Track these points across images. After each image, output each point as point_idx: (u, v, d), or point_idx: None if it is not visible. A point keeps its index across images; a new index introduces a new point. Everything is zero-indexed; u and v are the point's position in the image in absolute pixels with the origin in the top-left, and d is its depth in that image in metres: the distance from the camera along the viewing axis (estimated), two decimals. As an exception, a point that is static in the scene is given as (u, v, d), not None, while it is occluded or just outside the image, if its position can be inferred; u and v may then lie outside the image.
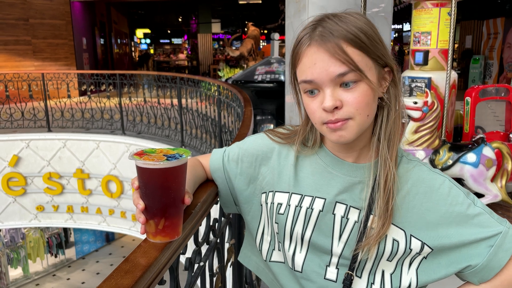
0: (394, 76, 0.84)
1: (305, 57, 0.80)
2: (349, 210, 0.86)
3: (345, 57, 0.76)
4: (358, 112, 0.78)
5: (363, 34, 0.78)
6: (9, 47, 9.98)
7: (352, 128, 0.79)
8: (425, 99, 2.70)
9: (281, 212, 0.91)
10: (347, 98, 0.78)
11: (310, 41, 0.79)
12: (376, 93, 0.81)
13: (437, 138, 2.81)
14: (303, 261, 0.89)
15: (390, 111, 0.84)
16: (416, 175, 0.86)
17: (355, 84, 0.78)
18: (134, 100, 7.09)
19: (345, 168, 0.88)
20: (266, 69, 7.17)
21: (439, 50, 3.02)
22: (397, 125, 0.84)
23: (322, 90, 0.79)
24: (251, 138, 1.02)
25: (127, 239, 10.76)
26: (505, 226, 0.83)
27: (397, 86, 0.85)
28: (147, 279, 0.67)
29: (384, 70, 0.83)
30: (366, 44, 0.78)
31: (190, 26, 21.84)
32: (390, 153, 0.83)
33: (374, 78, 0.80)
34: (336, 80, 0.77)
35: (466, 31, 12.36)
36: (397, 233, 0.84)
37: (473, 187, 2.78)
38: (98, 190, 6.88)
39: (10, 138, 6.75)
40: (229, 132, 4.65)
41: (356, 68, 0.76)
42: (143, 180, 0.71)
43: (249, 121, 2.40)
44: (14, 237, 9.25)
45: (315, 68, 0.78)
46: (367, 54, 0.78)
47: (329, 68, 0.77)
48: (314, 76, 0.78)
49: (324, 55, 0.77)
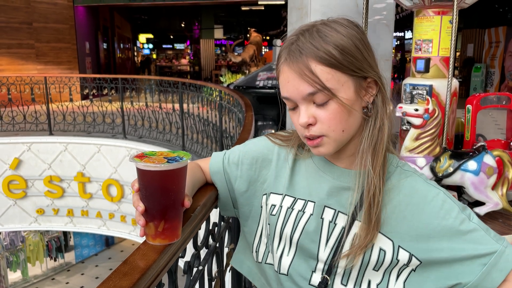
0: (381, 85, 0.83)
1: (281, 74, 0.82)
2: (337, 215, 0.86)
3: (313, 78, 0.76)
4: (331, 129, 0.79)
5: (337, 50, 0.76)
6: (12, 50, 10.03)
7: (328, 145, 0.81)
8: (426, 106, 2.70)
9: (273, 213, 0.92)
10: (320, 115, 0.79)
11: (284, 58, 0.81)
12: (351, 108, 0.79)
13: (438, 146, 2.81)
14: (290, 264, 0.89)
15: (376, 120, 0.83)
16: (409, 185, 0.84)
17: (326, 103, 0.78)
18: (136, 104, 7.11)
19: (335, 172, 0.88)
20: (267, 75, 7.18)
21: (440, 58, 3.03)
22: (382, 133, 0.82)
23: (298, 107, 0.81)
24: (252, 141, 1.02)
25: (126, 243, 10.73)
26: (501, 245, 0.78)
27: (383, 94, 0.83)
28: (146, 282, 0.66)
29: (366, 81, 0.81)
30: (338, 60, 0.76)
31: (192, 31, 21.94)
32: (374, 163, 0.81)
33: (350, 92, 0.79)
34: (307, 98, 0.79)
35: (468, 40, 12.39)
36: (385, 242, 0.82)
37: (474, 195, 2.77)
38: (98, 194, 6.87)
39: (12, 141, 6.76)
40: (230, 137, 4.66)
41: (324, 87, 0.76)
42: (143, 182, 0.72)
43: (250, 126, 2.41)
44: (13, 240, 9.23)
45: (288, 86, 0.80)
46: (340, 70, 0.77)
47: (299, 87, 0.78)
48: (288, 93, 0.81)
49: (294, 74, 0.78)
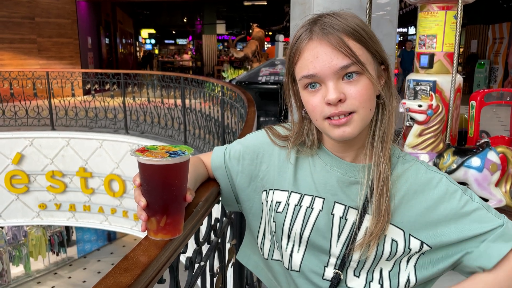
0: (389, 75, 0.85)
1: (306, 52, 0.79)
2: (347, 211, 0.86)
3: (348, 50, 0.76)
4: (361, 105, 0.78)
5: (362, 29, 0.79)
6: (14, 45, 10.02)
7: (356, 123, 0.79)
8: (430, 102, 2.68)
9: (279, 210, 0.90)
10: (350, 91, 0.77)
11: (310, 35, 0.79)
12: (376, 88, 0.81)
13: (442, 142, 2.79)
14: (301, 261, 0.89)
15: (385, 110, 0.84)
16: (413, 174, 0.85)
17: (357, 76, 0.78)
18: (138, 99, 7.10)
19: (343, 167, 0.87)
20: (270, 70, 7.16)
21: (444, 54, 3.01)
22: (391, 124, 0.84)
23: (324, 84, 0.78)
24: (252, 135, 1.01)
25: (128, 238, 10.76)
26: (503, 221, 0.81)
27: (391, 84, 0.85)
28: (147, 278, 0.66)
29: (380, 67, 0.83)
30: (365, 38, 0.79)
31: (195, 27, 21.90)
32: (383, 152, 0.83)
33: (374, 73, 0.80)
34: (339, 72, 0.77)
35: (472, 36, 12.33)
36: (396, 233, 0.83)
37: (477, 191, 2.76)
38: (100, 189, 6.88)
39: (14, 135, 6.77)
40: (232, 133, 4.65)
41: (358, 61, 0.76)
42: (145, 177, 0.71)
43: (252, 122, 2.40)
44: (16, 234, 9.27)
45: (317, 62, 0.77)
46: (367, 48, 0.79)
47: (332, 61, 0.76)
48: (316, 69, 0.78)
49: (327, 48, 0.77)
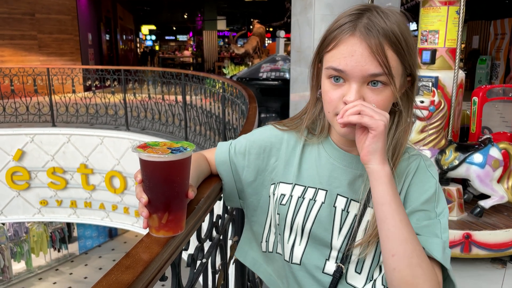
0: (413, 87, 0.84)
1: (343, 45, 0.77)
2: (349, 203, 0.86)
3: (384, 60, 0.75)
4: None
5: (404, 39, 0.77)
6: (15, 41, 10.01)
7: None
8: (432, 98, 2.67)
9: (283, 203, 0.91)
10: (371, 98, 0.77)
11: (354, 30, 0.77)
12: (395, 99, 0.80)
13: (444, 138, 2.78)
14: (302, 254, 0.89)
15: (401, 119, 0.84)
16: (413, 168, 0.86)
17: (382, 86, 0.77)
18: (139, 96, 7.09)
19: (348, 160, 0.87)
20: (271, 66, 7.15)
21: (446, 49, 2.99)
22: (405, 135, 0.84)
23: (348, 82, 0.77)
24: (258, 130, 1.01)
25: (129, 235, 10.78)
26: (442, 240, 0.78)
27: (412, 96, 0.84)
28: (149, 275, 0.65)
29: (406, 78, 0.82)
30: (404, 51, 0.77)
31: (195, 23, 21.84)
32: (394, 158, 0.82)
33: (398, 86, 0.80)
34: (366, 78, 0.76)
35: (473, 31, 12.29)
36: None
37: (479, 188, 2.75)
38: (101, 186, 6.89)
39: (15, 132, 6.77)
40: (233, 129, 4.64)
41: (389, 72, 0.75)
42: (146, 174, 0.70)
43: (253, 118, 2.39)
44: (17, 231, 9.28)
45: (351, 60, 0.76)
46: (402, 61, 0.78)
47: (365, 65, 0.75)
48: (347, 67, 0.76)
49: (365, 50, 0.75)
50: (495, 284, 2.59)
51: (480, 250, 2.67)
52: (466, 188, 3.02)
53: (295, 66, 4.44)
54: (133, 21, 19.75)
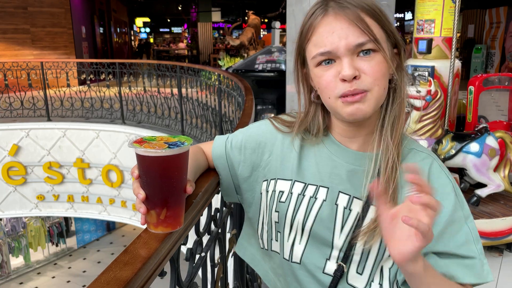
0: (401, 59, 0.82)
1: (321, 27, 0.77)
2: (352, 201, 0.84)
3: (365, 26, 0.74)
4: (376, 83, 0.76)
5: (377, 7, 0.77)
6: (7, 35, 9.90)
7: (370, 102, 0.76)
8: (428, 88, 2.66)
9: (282, 200, 0.88)
10: (364, 68, 0.75)
11: (325, 10, 0.77)
12: (389, 68, 0.79)
13: (440, 128, 2.79)
14: (302, 253, 0.87)
15: (396, 94, 0.82)
16: (425, 168, 0.83)
17: (373, 53, 0.76)
18: (134, 89, 7.04)
19: (349, 156, 0.85)
20: (266, 58, 7.11)
21: (442, 39, 2.98)
22: (401, 110, 0.82)
23: (339, 60, 0.76)
24: (255, 124, 0.99)
25: (127, 228, 10.79)
26: (479, 258, 0.82)
27: (403, 69, 0.83)
28: (147, 271, 0.64)
29: (393, 50, 0.81)
30: (381, 16, 0.77)
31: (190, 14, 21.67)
32: (393, 139, 0.80)
33: (388, 53, 0.78)
34: (354, 49, 0.75)
35: (469, 20, 12.25)
36: None
37: (476, 177, 2.76)
38: (98, 180, 6.87)
39: (10, 127, 6.72)
40: (229, 122, 4.62)
41: (375, 38, 0.75)
42: (143, 169, 0.69)
43: (250, 110, 2.38)
44: (15, 226, 9.27)
45: (333, 37, 0.75)
46: (382, 27, 0.77)
47: (348, 37, 0.74)
48: (333, 45, 0.75)
49: (343, 23, 0.75)
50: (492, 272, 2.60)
51: (477, 238, 2.68)
52: (463, 177, 3.03)
53: (291, 57, 4.41)
54: (127, 14, 19.56)
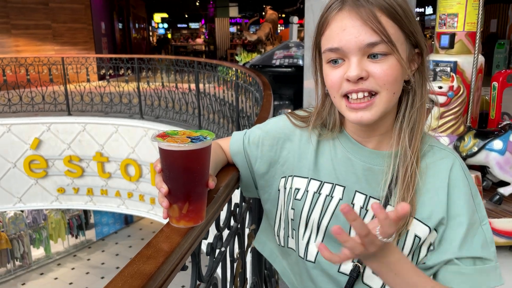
0: (423, 61, 0.79)
1: (334, 23, 0.74)
2: (368, 201, 0.82)
3: (378, 26, 0.71)
4: (385, 87, 0.73)
5: (399, 6, 0.73)
6: (29, 31, 10.09)
7: (377, 108, 0.74)
8: (451, 84, 2.61)
9: (298, 197, 0.87)
10: (374, 70, 0.73)
11: (341, 5, 0.74)
12: (404, 71, 0.75)
13: (462, 124, 2.73)
14: (317, 251, 0.85)
15: (415, 97, 0.79)
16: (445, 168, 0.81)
17: (384, 57, 0.72)
18: (152, 84, 7.11)
19: (365, 155, 0.83)
20: (284, 53, 7.08)
21: (466, 33, 2.91)
22: (421, 114, 0.79)
23: (347, 60, 0.74)
24: (273, 120, 0.98)
25: (145, 221, 10.93)
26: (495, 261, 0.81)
27: (424, 71, 0.80)
28: (170, 265, 0.65)
29: (414, 50, 0.78)
30: (400, 16, 0.73)
31: (207, 10, 21.69)
32: (412, 144, 0.78)
33: (404, 55, 0.75)
34: (364, 49, 0.72)
35: (491, 15, 11.96)
36: (421, 229, 0.79)
37: (499, 175, 2.70)
38: (117, 174, 6.97)
39: (32, 121, 6.87)
40: (246, 117, 4.62)
41: (388, 39, 0.71)
42: (166, 163, 0.69)
43: (269, 106, 2.37)
44: (36, 218, 9.49)
45: (343, 34, 0.73)
46: (401, 28, 0.73)
47: (359, 36, 0.71)
48: (342, 43, 0.73)
49: (356, 21, 0.72)
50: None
51: (499, 238, 2.62)
52: (485, 175, 2.97)
53: (309, 52, 4.37)
54: (145, 10, 19.71)
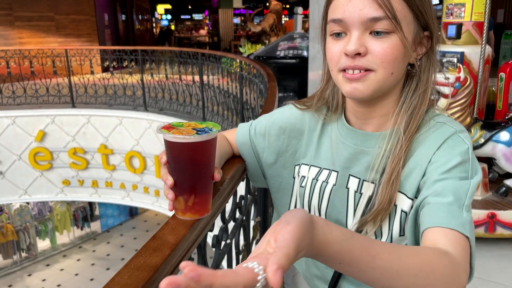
0: (433, 45, 0.77)
1: None
2: (362, 184, 0.81)
3: (384, 1, 0.68)
4: (382, 66, 0.71)
5: None
6: (32, 23, 10.07)
7: (370, 82, 0.72)
8: (458, 75, 2.58)
9: (302, 185, 0.89)
10: (373, 47, 0.70)
11: None
12: (407, 53, 0.72)
13: (469, 116, 2.70)
14: None
15: (420, 83, 0.76)
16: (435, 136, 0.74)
17: (387, 35, 0.70)
18: (156, 76, 7.09)
19: (358, 138, 0.82)
20: (288, 44, 7.03)
21: (473, 23, 2.87)
22: (423, 100, 0.76)
23: (349, 33, 0.72)
24: (279, 110, 0.98)
25: (150, 213, 10.99)
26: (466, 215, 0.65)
27: (432, 57, 0.77)
28: (176, 257, 0.64)
29: (423, 33, 0.75)
30: None
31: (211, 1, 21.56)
32: (408, 128, 0.75)
33: (410, 35, 0.72)
34: (367, 24, 0.70)
35: (498, 5, 11.82)
36: (405, 203, 0.75)
37: (506, 167, 2.68)
38: (121, 166, 6.99)
39: (36, 113, 6.88)
40: (251, 109, 4.61)
41: (393, 15, 0.69)
42: (172, 155, 0.68)
43: (273, 97, 2.35)
44: (41, 210, 9.55)
45: (348, 6, 0.71)
46: (409, 5, 0.71)
47: (363, 9, 0.69)
48: (345, 14, 0.71)
49: None
50: (520, 264, 2.55)
51: (505, 230, 2.61)
52: (491, 167, 2.95)
53: (314, 44, 4.35)
54: (148, 1, 19.63)
